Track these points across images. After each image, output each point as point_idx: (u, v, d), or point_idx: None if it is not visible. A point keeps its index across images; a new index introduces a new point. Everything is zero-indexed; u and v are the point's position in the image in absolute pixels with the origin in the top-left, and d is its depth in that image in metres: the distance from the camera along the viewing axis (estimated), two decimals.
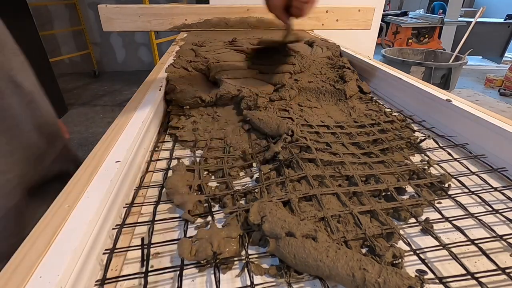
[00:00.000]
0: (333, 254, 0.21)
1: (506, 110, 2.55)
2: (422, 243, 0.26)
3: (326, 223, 0.26)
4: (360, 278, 0.20)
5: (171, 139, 0.44)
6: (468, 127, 0.40)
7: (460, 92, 2.93)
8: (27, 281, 0.18)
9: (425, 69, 2.31)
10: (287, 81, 0.55)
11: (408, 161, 0.36)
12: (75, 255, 0.20)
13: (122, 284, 0.23)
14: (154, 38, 2.51)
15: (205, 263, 0.23)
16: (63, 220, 0.22)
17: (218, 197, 0.31)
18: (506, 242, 0.25)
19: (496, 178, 0.35)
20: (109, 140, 0.33)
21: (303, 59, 0.61)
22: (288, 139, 0.37)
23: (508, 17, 4.00)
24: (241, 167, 0.37)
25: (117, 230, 0.26)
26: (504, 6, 4.92)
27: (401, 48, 2.97)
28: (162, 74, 0.56)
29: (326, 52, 0.68)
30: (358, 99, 0.56)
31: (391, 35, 3.62)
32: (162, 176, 0.35)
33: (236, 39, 0.76)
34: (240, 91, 0.50)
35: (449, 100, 0.43)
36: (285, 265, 0.23)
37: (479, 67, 3.96)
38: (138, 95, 0.46)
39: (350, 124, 0.45)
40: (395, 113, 0.50)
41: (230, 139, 0.42)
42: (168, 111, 0.50)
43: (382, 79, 0.59)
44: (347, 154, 0.37)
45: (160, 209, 0.30)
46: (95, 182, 0.26)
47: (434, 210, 0.29)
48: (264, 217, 0.25)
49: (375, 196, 0.31)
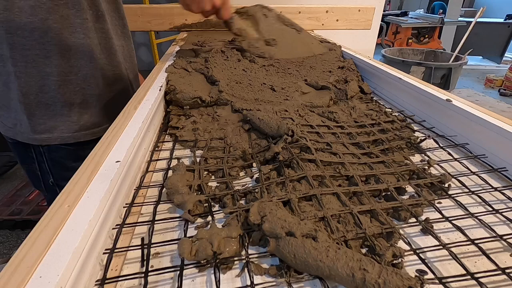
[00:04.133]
0: (333, 254, 0.21)
1: (506, 110, 2.55)
2: (422, 243, 0.26)
3: (326, 223, 0.26)
4: (360, 279, 0.20)
5: (171, 139, 0.44)
6: (468, 127, 0.40)
7: (460, 92, 2.93)
8: (27, 281, 0.18)
9: (425, 69, 2.32)
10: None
11: (408, 161, 0.36)
12: (75, 255, 0.20)
13: (122, 284, 0.23)
14: (154, 38, 2.51)
15: (205, 263, 0.23)
16: (63, 220, 0.22)
17: (218, 197, 0.31)
18: (506, 242, 0.25)
19: (496, 178, 0.35)
20: (109, 140, 0.33)
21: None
22: (288, 140, 0.37)
23: (508, 17, 4.00)
24: (241, 167, 0.37)
25: (117, 230, 0.26)
26: (504, 6, 4.93)
27: (401, 48, 2.97)
28: (162, 74, 0.56)
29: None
30: (359, 99, 0.56)
31: (391, 35, 3.63)
32: (162, 176, 0.35)
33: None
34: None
35: (449, 100, 0.43)
36: (285, 265, 0.23)
37: (479, 67, 3.96)
38: (138, 95, 0.46)
39: (350, 124, 0.45)
40: (395, 113, 0.50)
41: (230, 139, 0.42)
42: (168, 111, 0.50)
43: (382, 79, 0.59)
44: (347, 154, 0.37)
45: (160, 209, 0.30)
46: (95, 182, 0.26)
47: (434, 210, 0.29)
48: (264, 217, 0.25)
49: (375, 196, 0.31)
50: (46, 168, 0.58)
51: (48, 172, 0.59)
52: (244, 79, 0.57)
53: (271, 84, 0.56)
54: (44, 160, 0.58)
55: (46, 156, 0.57)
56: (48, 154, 0.57)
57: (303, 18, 1.01)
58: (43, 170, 0.59)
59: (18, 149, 0.59)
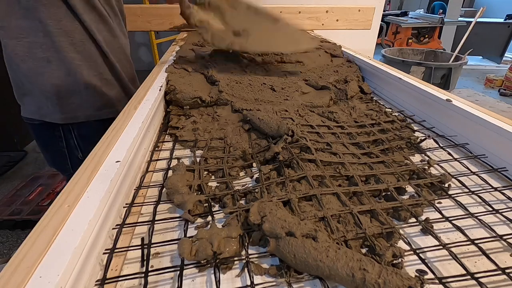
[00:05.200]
0: (333, 254, 0.21)
1: (506, 110, 2.55)
2: (422, 242, 0.26)
3: (326, 223, 0.26)
4: (360, 279, 0.20)
5: (171, 139, 0.44)
6: (468, 127, 0.40)
7: (460, 92, 2.93)
8: (27, 281, 0.18)
9: (425, 69, 2.31)
10: None
11: (408, 161, 0.36)
12: (75, 255, 0.20)
13: (122, 284, 0.23)
14: (154, 38, 2.51)
15: (205, 263, 0.23)
16: (63, 220, 0.22)
17: (218, 197, 0.31)
18: (506, 242, 0.25)
19: (496, 178, 0.35)
20: (109, 140, 0.33)
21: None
22: (288, 140, 0.37)
23: (508, 17, 4.00)
24: (241, 167, 0.37)
25: (117, 230, 0.26)
26: (504, 6, 4.93)
27: (401, 48, 2.97)
28: (162, 74, 0.56)
29: None
30: (359, 99, 0.56)
31: (391, 35, 3.62)
32: (162, 176, 0.35)
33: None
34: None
35: (449, 100, 0.43)
36: (285, 265, 0.23)
37: (479, 67, 3.96)
38: (138, 95, 0.46)
39: (350, 124, 0.45)
40: (396, 113, 0.50)
41: (230, 139, 0.42)
42: (168, 111, 0.50)
43: (382, 79, 0.59)
44: (347, 154, 0.37)
45: (160, 209, 0.30)
46: (95, 182, 0.26)
47: (434, 210, 0.29)
48: (264, 217, 0.25)
49: (375, 196, 0.31)
50: (75, 143, 0.63)
51: (76, 147, 0.64)
52: (244, 79, 0.57)
53: (271, 84, 0.56)
54: (72, 136, 0.63)
55: (75, 133, 0.62)
56: (77, 130, 0.62)
57: (303, 18, 1.01)
58: (71, 147, 0.64)
59: (44, 131, 0.63)
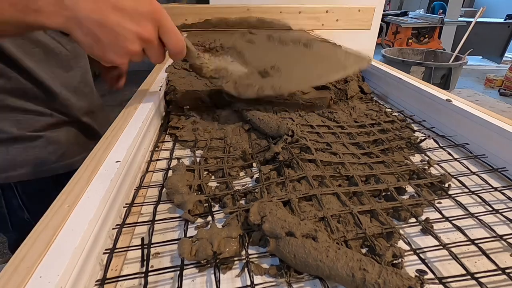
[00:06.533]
0: (333, 254, 0.21)
1: (506, 110, 2.54)
2: (422, 243, 0.26)
3: (326, 223, 0.26)
4: (360, 279, 0.20)
5: (171, 139, 0.44)
6: (468, 127, 0.40)
7: (460, 92, 2.92)
8: (27, 281, 0.18)
9: (425, 69, 2.31)
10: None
11: (408, 161, 0.36)
12: (75, 255, 0.20)
13: (122, 284, 0.23)
14: None
15: (205, 263, 0.23)
16: (63, 220, 0.22)
17: (218, 197, 0.31)
18: (506, 242, 0.25)
19: (496, 178, 0.35)
20: (109, 140, 0.33)
21: None
22: (288, 140, 0.37)
23: (508, 17, 4.00)
24: (241, 167, 0.37)
25: (117, 230, 0.26)
26: (504, 6, 4.93)
27: (401, 48, 2.97)
28: (162, 74, 0.56)
29: None
30: (359, 99, 0.56)
31: (391, 35, 3.62)
32: (162, 176, 0.35)
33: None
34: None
35: (449, 100, 0.43)
36: (285, 265, 0.23)
37: (479, 67, 3.96)
38: (138, 95, 0.46)
39: (350, 124, 0.45)
40: (396, 113, 0.50)
41: (230, 139, 0.42)
42: (168, 111, 0.50)
43: (382, 79, 0.59)
44: (347, 154, 0.37)
45: (160, 209, 0.30)
46: (95, 182, 0.26)
47: (434, 210, 0.29)
48: (264, 217, 0.25)
49: (375, 196, 0.31)
50: (19, 203, 0.51)
51: (21, 207, 0.52)
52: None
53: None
54: (16, 195, 0.51)
55: (18, 191, 0.50)
56: (21, 188, 0.50)
57: (303, 18, 1.01)
58: (14, 207, 0.52)
59: None
